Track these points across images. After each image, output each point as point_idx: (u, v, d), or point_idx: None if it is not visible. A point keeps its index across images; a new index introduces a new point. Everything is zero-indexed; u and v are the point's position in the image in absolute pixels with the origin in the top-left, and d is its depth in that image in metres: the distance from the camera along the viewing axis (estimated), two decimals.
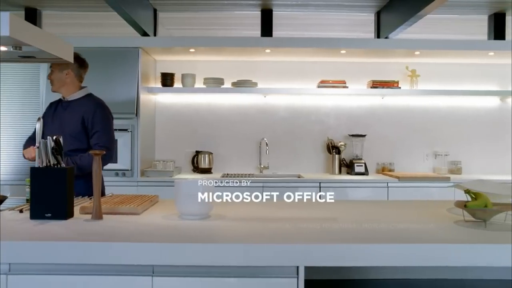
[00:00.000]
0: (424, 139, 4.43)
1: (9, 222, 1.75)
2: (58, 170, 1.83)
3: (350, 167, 4.28)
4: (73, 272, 1.47)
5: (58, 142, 1.86)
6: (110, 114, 2.66)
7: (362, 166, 4.23)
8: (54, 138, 1.85)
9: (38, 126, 1.88)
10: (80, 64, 2.60)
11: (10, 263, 1.46)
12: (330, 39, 4.06)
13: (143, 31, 4.02)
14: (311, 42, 4.01)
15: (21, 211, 1.94)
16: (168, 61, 4.38)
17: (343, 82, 4.24)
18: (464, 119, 4.43)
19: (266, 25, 4.20)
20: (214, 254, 1.45)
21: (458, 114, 4.44)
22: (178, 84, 4.23)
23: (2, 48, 1.87)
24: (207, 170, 4.25)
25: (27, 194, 1.98)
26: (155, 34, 4.24)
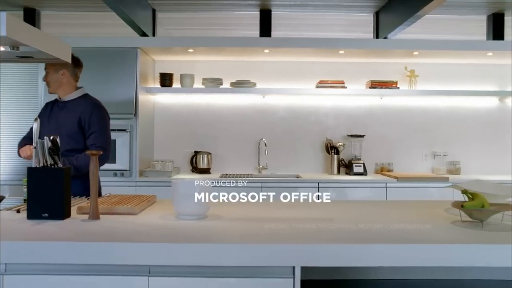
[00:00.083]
0: (422, 140, 4.43)
1: (6, 222, 1.75)
2: (55, 170, 1.84)
3: (348, 167, 4.28)
4: (69, 272, 1.47)
5: (55, 142, 1.86)
6: (107, 114, 2.66)
7: (360, 166, 4.23)
8: (51, 138, 1.85)
9: (35, 126, 1.88)
10: (75, 63, 2.58)
11: (6, 263, 1.45)
12: (328, 39, 4.05)
13: (142, 31, 4.03)
14: (310, 42, 4.02)
15: (18, 211, 1.94)
16: (166, 61, 4.38)
17: (342, 82, 4.24)
18: (462, 120, 4.43)
19: (264, 25, 4.21)
20: (210, 254, 1.45)
21: (456, 114, 4.44)
22: (176, 84, 4.23)
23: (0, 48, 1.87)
24: (206, 171, 4.25)
25: (24, 194, 1.98)
26: (154, 34, 4.25)
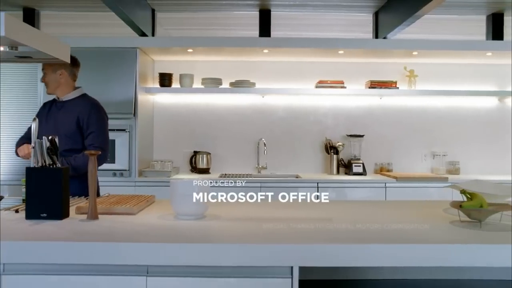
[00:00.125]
0: (422, 140, 4.43)
1: (4, 222, 1.75)
2: (54, 170, 1.84)
3: (348, 167, 4.28)
4: (67, 272, 1.47)
5: (53, 142, 1.86)
6: (105, 114, 2.65)
7: (360, 166, 4.23)
8: (49, 138, 1.85)
9: (34, 126, 1.88)
10: (72, 62, 2.57)
11: (4, 263, 1.45)
12: (328, 39, 4.05)
13: (141, 31, 4.02)
14: (309, 42, 4.02)
15: (16, 211, 1.94)
16: (166, 61, 4.38)
17: (341, 82, 4.24)
18: (462, 120, 4.43)
19: (264, 25, 4.21)
20: (209, 254, 1.45)
21: (456, 114, 4.44)
22: (176, 84, 4.23)
23: None
24: (205, 171, 4.25)
25: (23, 194, 1.98)
26: (153, 34, 4.25)
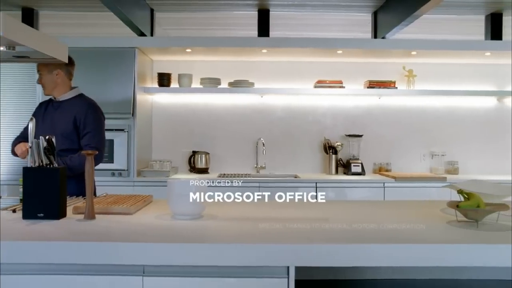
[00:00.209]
0: (421, 139, 4.43)
1: (1, 222, 1.75)
2: (51, 170, 1.84)
3: (347, 167, 4.28)
4: (64, 272, 1.47)
5: (50, 142, 1.86)
6: (102, 114, 2.66)
7: (358, 166, 4.23)
8: (46, 138, 1.85)
9: (31, 126, 1.88)
10: (67, 61, 2.58)
11: (1, 263, 1.45)
12: (327, 39, 4.06)
13: (140, 31, 4.02)
14: (308, 42, 4.02)
15: (14, 211, 1.94)
16: (164, 61, 4.38)
17: (340, 82, 4.24)
18: (461, 119, 4.43)
19: (263, 25, 4.21)
20: (205, 254, 1.45)
21: (455, 114, 4.44)
22: (174, 84, 4.23)
23: None
24: (204, 170, 4.25)
25: (20, 194, 1.98)
26: (152, 34, 4.25)
